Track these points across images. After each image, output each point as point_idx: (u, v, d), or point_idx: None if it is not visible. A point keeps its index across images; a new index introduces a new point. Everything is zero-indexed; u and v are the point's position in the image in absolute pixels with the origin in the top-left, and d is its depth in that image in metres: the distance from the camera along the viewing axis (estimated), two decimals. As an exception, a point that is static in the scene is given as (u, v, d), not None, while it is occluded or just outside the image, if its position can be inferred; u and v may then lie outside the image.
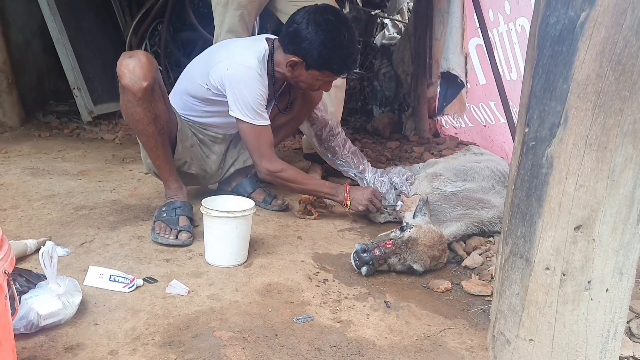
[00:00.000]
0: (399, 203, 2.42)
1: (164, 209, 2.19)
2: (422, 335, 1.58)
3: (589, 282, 1.23)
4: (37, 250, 1.88)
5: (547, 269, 1.25)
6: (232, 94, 2.20)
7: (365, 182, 2.69)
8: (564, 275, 1.24)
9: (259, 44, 2.28)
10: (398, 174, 2.64)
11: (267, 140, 2.29)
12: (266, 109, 2.31)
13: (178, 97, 2.40)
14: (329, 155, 2.82)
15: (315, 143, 2.84)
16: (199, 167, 2.47)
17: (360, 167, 2.75)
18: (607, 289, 1.23)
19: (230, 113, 2.23)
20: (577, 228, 1.21)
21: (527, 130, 1.23)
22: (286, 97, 2.52)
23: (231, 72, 2.19)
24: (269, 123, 2.29)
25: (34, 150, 3.53)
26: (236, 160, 2.62)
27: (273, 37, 2.34)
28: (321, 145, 2.82)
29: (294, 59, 2.19)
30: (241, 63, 2.20)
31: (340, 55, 2.18)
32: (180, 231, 2.10)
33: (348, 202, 2.37)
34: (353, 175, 2.77)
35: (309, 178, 2.48)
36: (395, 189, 2.59)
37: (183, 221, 2.14)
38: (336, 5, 2.99)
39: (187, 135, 2.38)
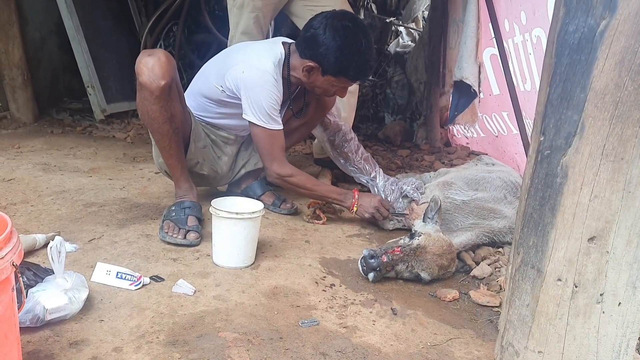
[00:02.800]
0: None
1: (173, 208, 2.19)
2: (428, 344, 1.57)
3: (601, 295, 1.21)
4: (46, 245, 1.89)
5: (559, 280, 1.23)
6: (246, 97, 2.20)
7: (376, 189, 2.68)
8: (576, 287, 1.22)
9: (276, 48, 2.28)
10: (409, 183, 2.63)
11: (279, 145, 2.29)
12: (280, 112, 2.31)
13: (192, 98, 2.40)
14: (341, 161, 2.82)
15: (328, 148, 2.84)
16: (210, 168, 2.47)
17: (372, 174, 2.73)
18: (620, 303, 1.21)
19: (244, 116, 2.24)
20: (591, 239, 1.19)
21: (542, 138, 1.22)
22: (301, 101, 2.52)
23: (247, 76, 2.19)
24: (282, 128, 2.29)
25: (46, 147, 3.55)
26: (247, 163, 2.62)
27: (290, 41, 2.34)
28: (334, 150, 2.81)
29: (310, 64, 2.19)
30: (257, 67, 2.20)
31: (357, 61, 2.17)
32: (188, 231, 2.09)
33: (355, 209, 2.38)
34: (364, 181, 2.75)
35: (318, 184, 2.48)
36: (406, 197, 2.58)
37: (192, 221, 2.14)
38: (352, 11, 2.99)
39: (200, 135, 2.38)
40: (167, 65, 2.01)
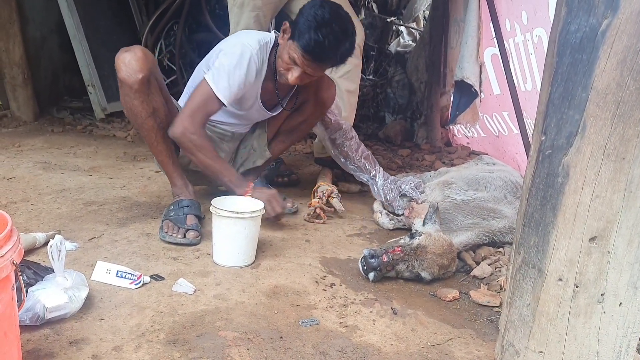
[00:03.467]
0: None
1: (172, 207, 2.19)
2: (429, 344, 1.56)
3: (602, 295, 1.21)
4: (46, 243, 1.89)
5: (560, 280, 1.23)
6: (217, 58, 2.18)
7: (375, 187, 2.68)
8: (577, 287, 1.22)
9: (268, 34, 2.29)
10: (408, 182, 2.63)
11: (207, 111, 2.18)
12: (258, 101, 2.31)
13: (188, 95, 2.41)
14: (342, 159, 2.81)
15: (328, 146, 2.83)
16: None
17: (372, 173, 2.73)
18: (621, 303, 1.21)
19: (204, 75, 2.18)
20: (592, 239, 1.19)
21: (543, 138, 1.22)
22: (294, 96, 2.50)
23: (227, 43, 2.22)
24: (226, 104, 2.18)
25: (47, 145, 3.55)
26: (246, 161, 2.61)
27: None
28: (334, 148, 2.81)
29: (287, 24, 2.16)
30: (240, 39, 2.22)
31: (315, 34, 2.05)
32: (188, 230, 2.10)
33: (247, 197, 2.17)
34: (365, 180, 2.75)
35: (219, 159, 2.26)
36: (405, 196, 2.58)
37: (191, 220, 2.14)
38: (353, 11, 2.99)
39: None
40: (143, 59, 2.03)
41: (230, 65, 2.15)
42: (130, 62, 2.02)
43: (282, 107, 2.48)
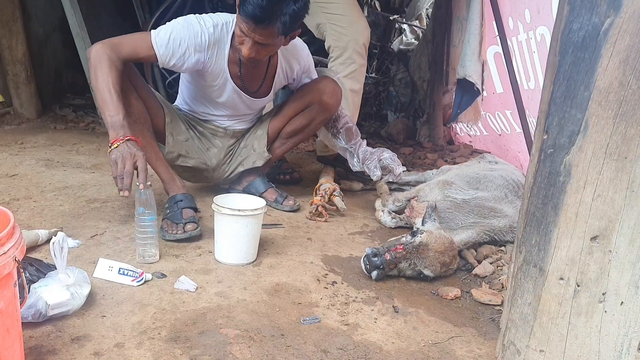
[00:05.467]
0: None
1: (167, 206, 2.22)
2: (430, 342, 1.56)
3: (603, 294, 1.21)
4: (49, 240, 1.89)
5: (561, 279, 1.23)
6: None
7: (355, 156, 2.66)
8: (578, 286, 1.22)
9: (228, 15, 2.27)
10: (387, 152, 2.63)
11: (134, 47, 2.09)
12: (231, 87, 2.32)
13: (180, 92, 2.49)
14: (325, 132, 2.76)
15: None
16: (198, 160, 2.50)
17: (352, 142, 2.68)
18: (622, 302, 1.21)
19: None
20: (594, 238, 1.19)
21: (545, 137, 1.22)
22: (259, 80, 2.43)
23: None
24: (158, 56, 2.12)
25: (49, 142, 3.56)
26: (245, 160, 2.61)
27: None
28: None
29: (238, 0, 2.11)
30: (195, 16, 2.20)
31: None
32: (185, 224, 2.11)
33: (113, 146, 1.92)
34: (344, 146, 2.69)
35: (116, 92, 1.98)
36: (385, 168, 2.59)
37: (187, 213, 2.16)
38: (358, 8, 3.00)
39: (180, 129, 2.42)
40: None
41: (175, 26, 2.13)
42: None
43: (245, 89, 2.41)
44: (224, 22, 2.23)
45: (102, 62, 1.98)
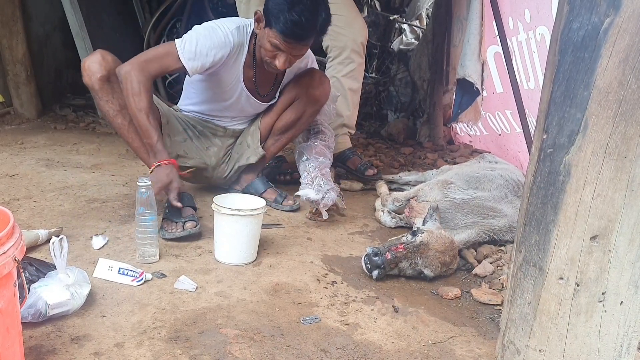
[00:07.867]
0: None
1: (166, 205, 2.22)
2: (430, 342, 1.56)
3: (603, 293, 1.21)
4: (48, 240, 1.89)
5: (561, 278, 1.23)
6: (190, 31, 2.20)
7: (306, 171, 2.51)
8: (578, 285, 1.22)
9: (245, 19, 2.29)
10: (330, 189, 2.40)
11: (162, 63, 2.13)
12: (241, 86, 2.34)
13: (183, 93, 2.49)
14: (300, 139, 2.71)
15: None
16: (197, 160, 2.50)
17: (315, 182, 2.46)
18: (622, 302, 1.21)
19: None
20: (593, 238, 1.19)
21: (545, 136, 1.22)
22: (270, 84, 2.46)
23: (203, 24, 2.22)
24: (187, 68, 2.15)
25: (50, 142, 3.56)
26: (240, 157, 2.60)
27: None
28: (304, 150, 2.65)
29: (259, 12, 2.14)
30: (214, 21, 2.23)
31: (290, 15, 2.03)
32: (185, 222, 2.11)
33: (152, 168, 2.13)
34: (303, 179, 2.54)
35: (152, 117, 2.11)
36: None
37: (186, 212, 2.17)
38: (354, 7, 3.00)
39: (177, 129, 2.43)
40: (100, 61, 2.12)
41: (200, 35, 2.16)
42: (90, 66, 2.13)
43: (258, 94, 2.45)
44: (242, 25, 2.25)
45: (132, 85, 2.07)
